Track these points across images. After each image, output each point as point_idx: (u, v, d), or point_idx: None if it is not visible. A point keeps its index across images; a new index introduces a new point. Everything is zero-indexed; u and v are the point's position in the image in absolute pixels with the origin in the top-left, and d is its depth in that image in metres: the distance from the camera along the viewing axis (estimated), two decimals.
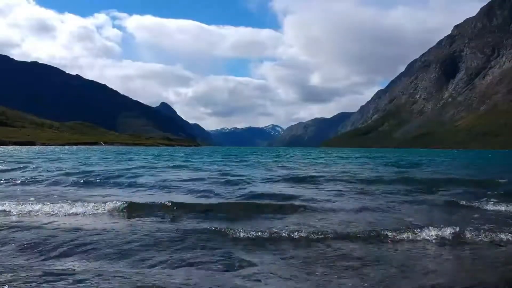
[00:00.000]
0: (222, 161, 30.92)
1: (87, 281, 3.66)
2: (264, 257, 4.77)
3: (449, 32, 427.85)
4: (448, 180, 14.28)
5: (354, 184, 13.25)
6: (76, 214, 7.31)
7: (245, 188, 11.65)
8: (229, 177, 14.93)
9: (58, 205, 7.79)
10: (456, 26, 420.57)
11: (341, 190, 11.32)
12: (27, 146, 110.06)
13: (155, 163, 27.31)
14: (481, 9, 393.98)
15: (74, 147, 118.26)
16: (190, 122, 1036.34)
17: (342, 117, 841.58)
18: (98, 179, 13.70)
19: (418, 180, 14.21)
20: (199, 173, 17.83)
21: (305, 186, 12.54)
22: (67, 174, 15.59)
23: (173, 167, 22.34)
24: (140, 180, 13.90)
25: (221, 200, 9.27)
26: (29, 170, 17.72)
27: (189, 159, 34.29)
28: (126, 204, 7.81)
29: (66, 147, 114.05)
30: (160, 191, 11.22)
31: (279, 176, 16.00)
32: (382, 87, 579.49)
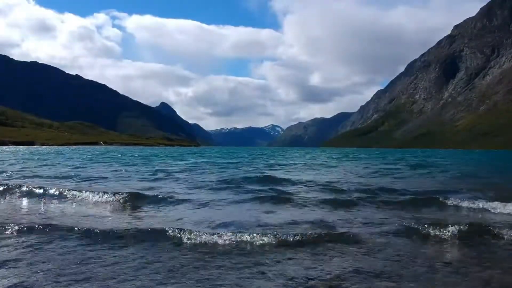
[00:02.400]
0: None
1: None
2: None
3: (449, 32, 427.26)
4: None
5: None
6: None
7: None
8: None
9: None
10: (456, 26, 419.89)
11: None
12: (27, 146, 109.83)
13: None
14: (481, 9, 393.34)
15: (73, 147, 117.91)
16: (190, 122, 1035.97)
17: (342, 117, 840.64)
18: None
19: None
20: None
21: None
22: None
23: None
24: None
25: None
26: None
27: None
28: None
29: (66, 147, 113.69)
30: None
31: None
32: (382, 87, 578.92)
